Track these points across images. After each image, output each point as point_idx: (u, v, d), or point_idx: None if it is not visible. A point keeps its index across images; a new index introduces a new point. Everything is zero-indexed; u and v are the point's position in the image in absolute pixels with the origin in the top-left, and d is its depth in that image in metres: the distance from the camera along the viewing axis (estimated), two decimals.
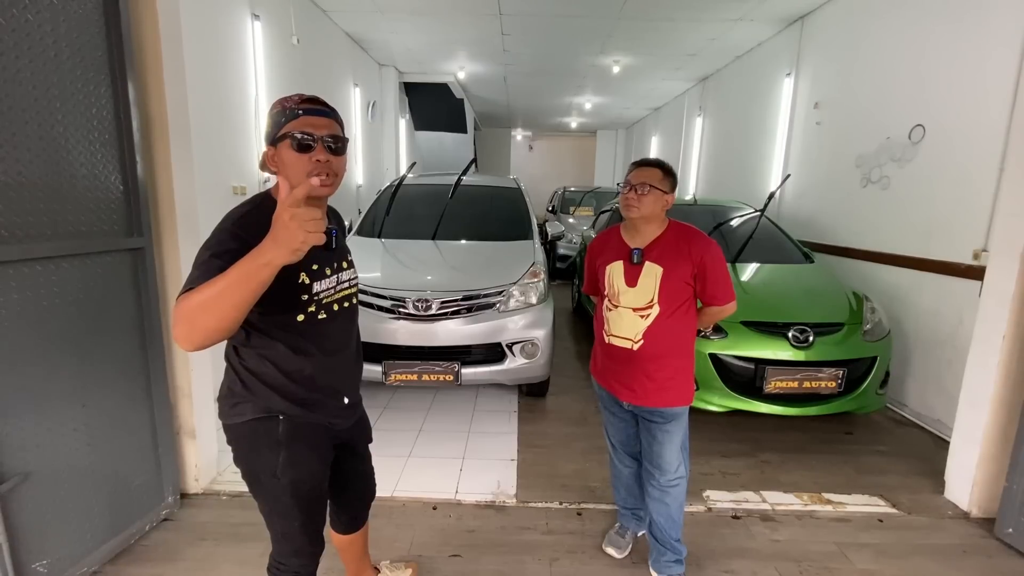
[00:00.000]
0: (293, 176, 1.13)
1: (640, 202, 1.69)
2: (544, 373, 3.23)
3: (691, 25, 5.36)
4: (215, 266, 1.01)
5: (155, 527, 2.15)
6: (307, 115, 1.14)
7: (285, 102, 1.16)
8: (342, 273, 1.35)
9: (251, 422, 1.26)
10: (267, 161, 1.18)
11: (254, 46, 3.82)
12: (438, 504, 2.35)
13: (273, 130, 1.15)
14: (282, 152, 1.14)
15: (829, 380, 2.82)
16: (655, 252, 1.73)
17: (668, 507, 1.85)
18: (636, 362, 1.76)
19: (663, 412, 1.79)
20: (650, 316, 1.72)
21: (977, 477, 2.35)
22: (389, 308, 3.01)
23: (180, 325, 0.96)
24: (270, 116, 1.16)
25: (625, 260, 1.75)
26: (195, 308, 0.95)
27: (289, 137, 1.12)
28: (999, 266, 2.25)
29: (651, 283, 1.71)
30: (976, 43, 3.03)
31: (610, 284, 1.78)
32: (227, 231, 1.11)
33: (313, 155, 1.13)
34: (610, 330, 1.80)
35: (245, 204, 1.20)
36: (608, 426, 2.00)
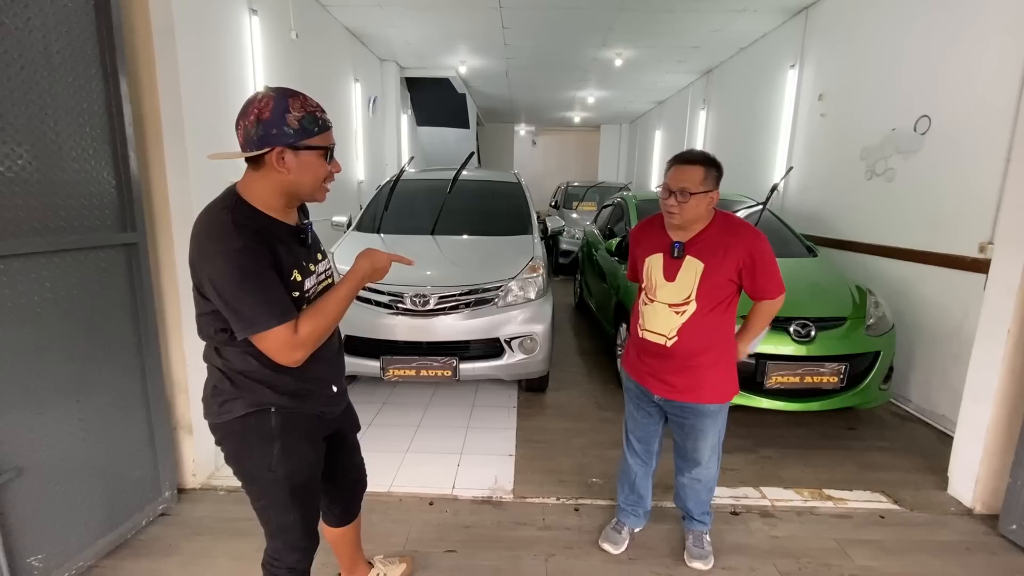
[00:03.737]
0: (308, 179, 1.19)
1: (681, 210, 1.60)
2: (543, 368, 3.21)
3: (693, 16, 5.29)
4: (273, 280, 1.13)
5: (152, 522, 2.16)
6: (330, 128, 1.22)
7: (308, 106, 1.15)
8: (319, 265, 1.34)
9: (242, 418, 1.25)
10: (274, 160, 1.14)
11: (252, 41, 3.80)
12: (435, 499, 2.35)
13: (300, 135, 1.13)
14: (307, 158, 1.16)
15: (831, 375, 2.79)
16: (697, 246, 1.65)
17: (697, 493, 1.94)
18: (670, 358, 1.71)
19: (694, 408, 1.75)
20: (686, 313, 1.65)
21: (981, 473, 2.31)
22: (387, 303, 3.00)
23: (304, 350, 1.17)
24: (292, 118, 1.12)
25: (665, 253, 1.68)
26: (323, 333, 1.19)
27: (325, 149, 1.19)
28: (1004, 259, 2.20)
29: (690, 279, 1.64)
30: (982, 32, 2.96)
31: (648, 277, 1.71)
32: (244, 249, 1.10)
33: (333, 166, 1.23)
34: (644, 325, 1.74)
35: (223, 212, 1.15)
36: (630, 421, 1.97)
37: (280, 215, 1.23)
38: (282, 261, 1.18)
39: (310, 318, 1.17)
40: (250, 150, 1.15)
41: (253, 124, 1.12)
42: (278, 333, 1.12)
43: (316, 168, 1.19)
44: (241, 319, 1.11)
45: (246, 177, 1.21)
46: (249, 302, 1.10)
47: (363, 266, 1.30)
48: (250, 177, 1.20)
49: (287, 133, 1.12)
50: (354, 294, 1.27)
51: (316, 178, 1.21)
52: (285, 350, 1.14)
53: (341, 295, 1.24)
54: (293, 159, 1.15)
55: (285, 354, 1.14)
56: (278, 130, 1.12)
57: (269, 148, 1.13)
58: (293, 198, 1.24)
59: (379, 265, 1.32)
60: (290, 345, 1.14)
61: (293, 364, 1.17)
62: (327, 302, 1.21)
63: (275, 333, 1.12)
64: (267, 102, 1.12)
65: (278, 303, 1.12)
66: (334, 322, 1.23)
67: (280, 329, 1.12)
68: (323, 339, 1.21)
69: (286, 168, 1.15)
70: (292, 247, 1.23)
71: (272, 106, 1.12)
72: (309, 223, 1.32)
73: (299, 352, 1.16)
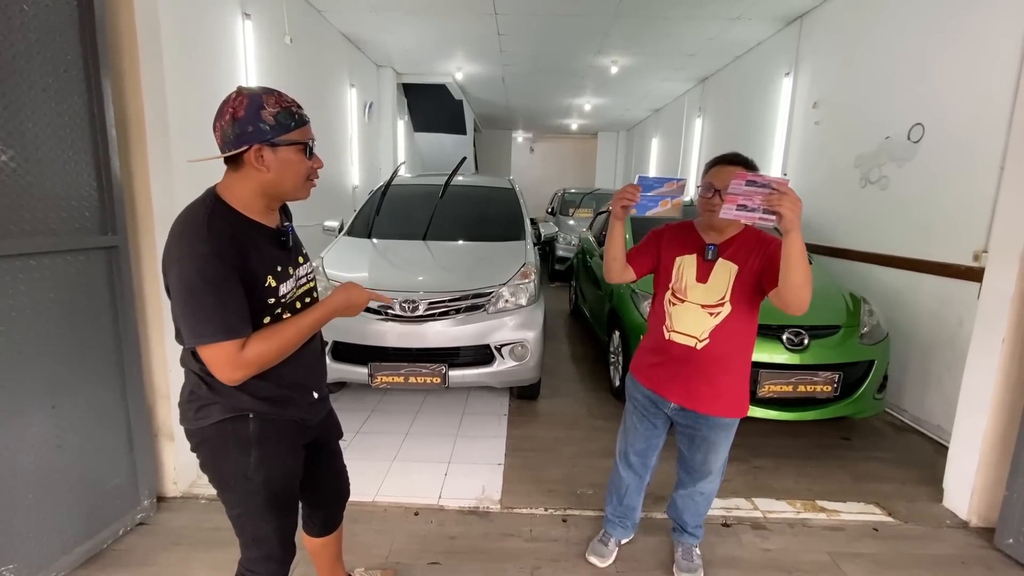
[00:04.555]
0: (290, 176, 1.17)
1: None
2: (534, 376, 3.17)
3: (688, 24, 5.31)
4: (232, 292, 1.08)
5: (129, 531, 2.11)
6: (308, 123, 1.20)
7: (283, 102, 1.14)
8: (299, 269, 1.31)
9: (219, 423, 1.21)
10: (253, 159, 1.12)
11: (244, 45, 3.79)
12: (420, 510, 2.30)
13: (276, 131, 1.12)
14: (286, 154, 1.14)
15: (824, 384, 2.75)
16: (731, 249, 1.64)
17: (697, 505, 1.91)
18: (696, 363, 1.65)
19: (711, 421, 1.70)
20: (720, 314, 1.63)
21: (977, 484, 2.28)
22: (376, 309, 2.97)
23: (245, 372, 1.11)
24: (267, 115, 1.11)
25: (699, 255, 1.66)
26: (273, 358, 1.14)
27: (303, 145, 1.17)
28: (998, 267, 2.18)
29: (724, 281, 1.62)
30: (976, 40, 2.96)
31: (679, 277, 1.67)
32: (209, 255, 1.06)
33: (314, 161, 1.22)
34: (672, 326, 1.68)
35: (200, 213, 1.12)
36: (631, 432, 1.88)
37: (261, 217, 1.21)
38: (255, 267, 1.14)
39: (263, 340, 1.12)
40: (228, 150, 1.13)
41: (229, 124, 1.10)
42: (221, 348, 1.08)
43: (297, 164, 1.17)
44: (188, 327, 1.08)
45: (226, 178, 1.19)
46: (200, 311, 1.06)
47: (338, 300, 1.26)
48: (230, 178, 1.18)
49: (263, 130, 1.10)
50: (319, 325, 1.23)
51: (298, 175, 1.19)
52: (225, 367, 1.09)
53: (305, 324, 1.19)
54: (272, 156, 1.13)
55: (224, 371, 1.10)
56: (254, 127, 1.10)
57: (246, 146, 1.11)
58: (275, 197, 1.21)
59: (355, 302, 1.29)
60: (231, 363, 1.09)
61: (231, 383, 1.13)
62: (287, 328, 1.16)
63: (218, 348, 1.07)
64: (241, 101, 1.10)
65: (230, 317, 1.08)
66: (289, 350, 1.17)
67: (225, 345, 1.07)
68: (271, 364, 1.16)
69: (265, 166, 1.13)
70: (270, 250, 1.20)
71: (246, 104, 1.10)
72: (289, 225, 1.29)
73: (239, 372, 1.10)
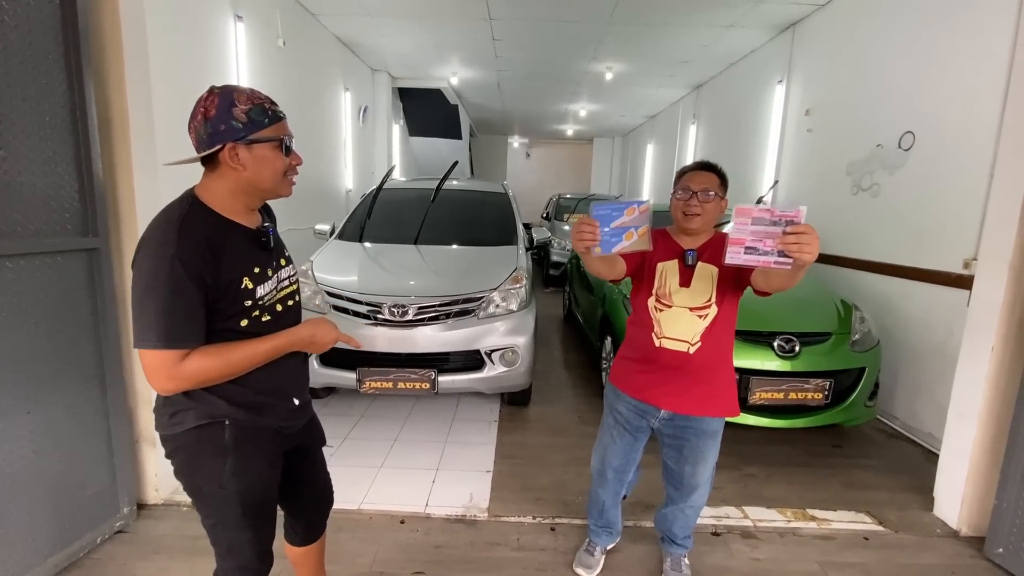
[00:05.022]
0: (267, 173, 1.15)
1: (703, 209, 1.59)
2: (524, 381, 3.14)
3: (682, 31, 5.33)
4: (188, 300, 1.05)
5: (107, 540, 2.06)
6: (284, 119, 1.18)
7: (255, 99, 1.13)
8: (281, 271, 1.29)
9: (193, 430, 1.18)
10: (228, 158, 1.11)
11: (236, 47, 3.77)
12: (406, 518, 2.26)
13: (250, 128, 1.11)
14: (261, 151, 1.13)
15: (815, 391, 2.74)
16: (707, 253, 1.64)
17: (687, 519, 1.88)
18: (690, 367, 1.63)
19: (700, 427, 1.68)
20: (708, 316, 1.62)
21: (967, 493, 2.26)
22: (365, 314, 2.94)
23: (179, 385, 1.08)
24: (239, 112, 1.09)
25: (679, 260, 1.65)
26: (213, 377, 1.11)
27: (278, 141, 1.15)
28: (987, 275, 2.17)
29: (707, 284, 1.62)
30: (966, 49, 2.98)
31: (663, 283, 1.66)
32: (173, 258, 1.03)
33: (292, 157, 1.20)
34: (662, 332, 1.65)
35: (174, 214, 1.10)
36: (610, 446, 1.84)
37: (240, 217, 1.19)
38: (230, 269, 1.12)
39: (206, 356, 1.08)
40: (202, 150, 1.12)
41: (201, 123, 1.10)
42: (158, 356, 1.04)
43: (273, 161, 1.16)
44: (135, 329, 1.05)
45: (204, 179, 1.18)
46: (147, 314, 1.03)
47: (303, 333, 1.23)
48: (208, 179, 1.17)
49: (235, 128, 1.09)
50: (275, 354, 1.19)
51: (275, 171, 1.17)
52: (158, 376, 1.06)
53: (258, 350, 1.15)
54: (247, 154, 1.12)
55: (157, 380, 1.06)
56: (226, 125, 1.09)
57: (220, 145, 1.09)
58: (254, 196, 1.20)
59: (320, 340, 1.25)
60: (165, 374, 1.05)
61: (163, 393, 1.10)
62: (236, 350, 1.12)
63: (155, 355, 1.04)
64: (212, 100, 1.09)
65: (174, 326, 1.04)
66: (233, 373, 1.13)
67: (163, 353, 1.04)
68: (211, 383, 1.12)
69: (241, 164, 1.12)
70: (248, 251, 1.18)
71: (217, 103, 1.09)
72: (269, 226, 1.27)
73: (172, 384, 1.07)
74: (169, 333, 1.03)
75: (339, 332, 1.29)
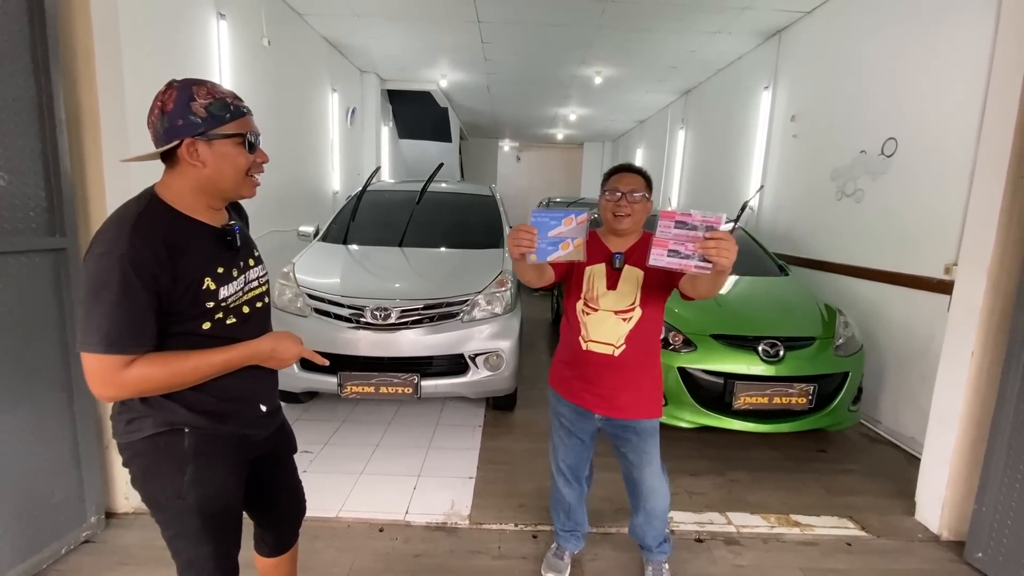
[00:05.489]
0: (228, 171, 1.11)
1: (633, 209, 1.62)
2: (509, 386, 3.11)
3: (670, 36, 5.35)
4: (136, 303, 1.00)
5: (73, 550, 1.99)
6: (248, 115, 1.14)
7: (216, 93, 1.09)
8: (249, 272, 1.24)
9: (151, 438, 1.13)
10: (186, 154, 1.07)
11: (219, 46, 3.72)
12: (385, 526, 2.22)
13: (210, 124, 1.06)
14: (223, 147, 1.09)
15: (800, 396, 2.74)
16: (635, 255, 1.66)
17: (654, 527, 1.86)
18: (615, 369, 1.67)
19: (637, 426, 1.71)
20: (632, 319, 1.65)
21: (947, 498, 2.27)
22: (347, 317, 2.89)
23: (119, 392, 1.03)
24: (198, 106, 1.05)
25: (607, 263, 1.67)
26: (158, 387, 1.05)
27: (241, 137, 1.11)
28: (967, 280, 2.19)
29: (632, 287, 1.65)
30: (947, 57, 3.01)
31: (590, 287, 1.68)
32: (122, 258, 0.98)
33: (256, 155, 1.15)
34: (588, 335, 1.68)
35: (131, 211, 1.06)
36: (560, 447, 1.87)
37: (203, 215, 1.14)
38: (189, 270, 1.08)
39: (151, 365, 1.03)
40: (160, 146, 1.07)
41: (158, 118, 1.06)
42: (97, 361, 0.99)
43: (235, 158, 1.11)
44: (79, 330, 1.01)
45: (164, 176, 1.13)
46: (91, 316, 0.99)
47: (263, 347, 1.17)
48: (168, 176, 1.12)
49: (194, 123, 1.05)
50: (229, 368, 1.13)
51: (237, 169, 1.12)
52: (97, 382, 1.01)
53: (210, 362, 1.09)
54: (207, 150, 1.07)
55: (96, 386, 1.01)
56: (184, 120, 1.04)
57: (178, 141, 1.05)
58: (216, 195, 1.15)
59: (282, 355, 1.19)
60: (105, 380, 1.00)
61: (103, 399, 1.07)
62: (185, 360, 1.06)
63: (95, 360, 0.99)
64: (170, 93, 1.05)
65: (117, 330, 0.99)
66: (180, 385, 1.08)
67: (103, 359, 0.99)
68: (155, 393, 1.07)
69: (200, 161, 1.08)
70: (211, 251, 1.14)
71: (175, 96, 1.04)
72: (235, 224, 1.22)
73: (111, 391, 1.02)
74: (111, 338, 0.98)
75: (302, 347, 1.23)
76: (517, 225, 1.41)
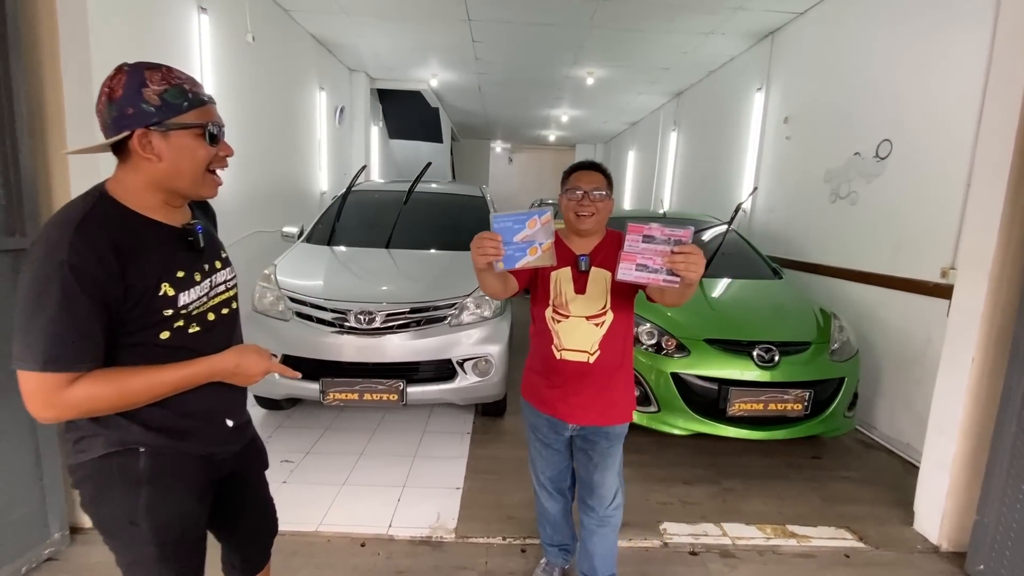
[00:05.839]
0: (186, 166, 1.00)
1: (596, 208, 1.55)
2: (499, 392, 3.02)
3: (662, 37, 5.31)
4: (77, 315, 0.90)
5: (35, 568, 1.88)
6: (210, 103, 1.04)
7: (172, 79, 0.98)
8: (216, 275, 1.14)
9: (101, 459, 1.03)
10: (138, 146, 0.96)
11: (200, 41, 3.60)
12: (367, 540, 2.12)
13: (164, 112, 0.96)
14: (180, 139, 0.98)
15: (795, 402, 2.68)
16: (600, 255, 1.59)
17: (607, 539, 1.73)
18: (590, 376, 1.60)
19: (609, 432, 1.64)
20: (604, 324, 1.58)
21: (947, 508, 2.21)
22: (330, 321, 2.79)
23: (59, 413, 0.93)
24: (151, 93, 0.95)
25: (572, 267, 1.59)
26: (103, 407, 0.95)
27: (200, 128, 1.00)
28: (967, 284, 2.13)
29: (602, 289, 1.57)
30: (942, 58, 2.97)
31: (558, 292, 1.60)
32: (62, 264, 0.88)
33: (219, 148, 1.05)
34: (562, 344, 1.60)
35: (76, 212, 0.95)
36: (537, 460, 1.79)
37: (161, 215, 1.04)
38: (143, 276, 0.98)
39: (99, 383, 0.93)
40: (109, 137, 0.97)
41: (105, 106, 0.95)
42: (35, 380, 0.89)
43: (194, 151, 1.00)
44: (14, 344, 0.91)
45: (116, 171, 1.03)
46: (30, 330, 0.89)
47: (226, 362, 1.06)
48: (120, 171, 1.02)
49: (146, 111, 0.94)
50: (187, 385, 1.02)
51: (196, 164, 1.01)
52: (35, 402, 0.90)
53: (164, 379, 0.98)
54: (162, 142, 0.97)
55: (34, 407, 0.91)
56: (135, 108, 0.94)
57: (128, 131, 0.94)
58: (174, 192, 1.04)
59: (246, 371, 1.08)
60: (44, 400, 0.90)
61: (42, 421, 0.95)
62: (135, 377, 0.96)
63: (33, 378, 0.89)
64: (119, 78, 0.94)
65: (57, 346, 0.89)
66: (131, 404, 0.98)
67: (41, 377, 0.89)
68: (104, 413, 0.97)
69: (155, 154, 0.97)
70: (170, 253, 1.03)
71: (125, 82, 0.94)
72: (198, 223, 1.10)
73: (51, 412, 0.92)
74: (52, 354, 0.88)
75: (270, 362, 1.12)
76: (479, 233, 1.32)
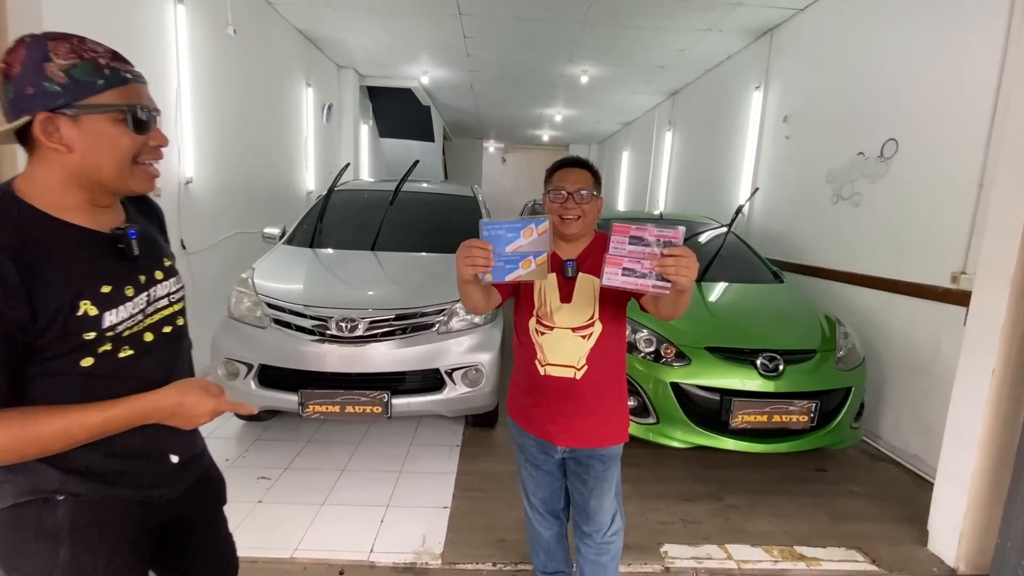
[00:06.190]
0: (105, 156, 0.84)
1: (583, 210, 1.42)
2: (489, 403, 2.87)
3: (659, 34, 5.18)
4: None
5: None
6: (136, 82, 0.87)
7: (83, 51, 0.81)
8: (155, 288, 0.96)
9: (10, 509, 0.87)
10: (41, 134, 0.79)
11: (176, 34, 3.42)
12: (346, 567, 1.96)
13: (73, 93, 0.79)
14: (94, 124, 0.81)
15: (801, 414, 2.55)
16: (588, 261, 1.46)
17: (606, 568, 1.59)
18: (577, 394, 1.46)
19: (604, 454, 1.50)
20: (592, 336, 1.44)
21: (965, 528, 2.08)
22: (310, 328, 2.62)
23: None
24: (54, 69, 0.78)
25: (558, 273, 1.46)
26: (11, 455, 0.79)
27: (121, 111, 0.83)
28: (986, 292, 2.01)
29: (589, 297, 1.44)
30: (952, 52, 2.85)
31: (543, 301, 1.46)
32: None
33: (149, 136, 0.88)
34: (546, 359, 1.47)
35: None
36: (528, 481, 1.65)
37: (80, 217, 0.87)
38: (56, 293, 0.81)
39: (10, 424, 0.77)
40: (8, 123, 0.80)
41: (2, 86, 0.78)
42: None
43: (114, 139, 0.83)
44: None
45: (27, 167, 0.86)
46: None
47: (165, 400, 0.88)
48: (30, 166, 0.85)
49: (49, 91, 0.78)
50: (113, 430, 0.85)
51: (117, 155, 0.84)
52: None
53: (86, 424, 0.82)
54: (71, 129, 0.80)
55: None
56: (35, 88, 0.77)
57: (28, 116, 0.78)
58: (97, 190, 0.87)
59: (190, 411, 0.89)
60: None
61: None
62: (51, 422, 0.79)
63: None
64: (17, 54, 0.78)
65: None
66: (44, 452, 0.81)
67: None
68: (12, 462, 0.81)
69: (63, 143, 0.80)
70: (91, 265, 0.86)
71: (23, 57, 0.78)
72: (129, 227, 0.93)
73: None
74: None
75: (221, 399, 0.93)
76: (467, 240, 1.18)
